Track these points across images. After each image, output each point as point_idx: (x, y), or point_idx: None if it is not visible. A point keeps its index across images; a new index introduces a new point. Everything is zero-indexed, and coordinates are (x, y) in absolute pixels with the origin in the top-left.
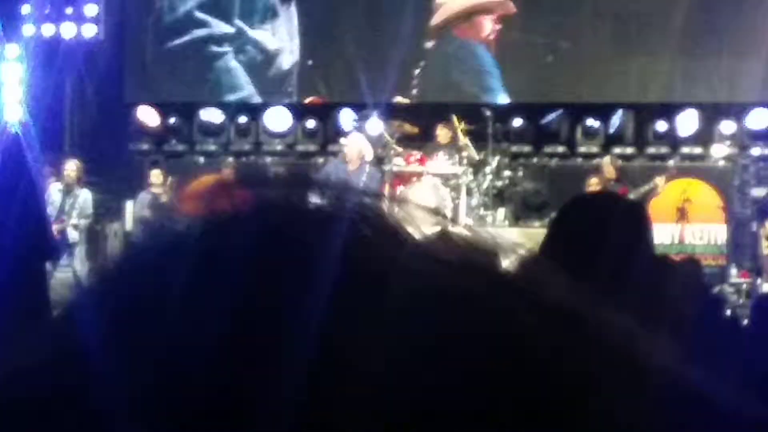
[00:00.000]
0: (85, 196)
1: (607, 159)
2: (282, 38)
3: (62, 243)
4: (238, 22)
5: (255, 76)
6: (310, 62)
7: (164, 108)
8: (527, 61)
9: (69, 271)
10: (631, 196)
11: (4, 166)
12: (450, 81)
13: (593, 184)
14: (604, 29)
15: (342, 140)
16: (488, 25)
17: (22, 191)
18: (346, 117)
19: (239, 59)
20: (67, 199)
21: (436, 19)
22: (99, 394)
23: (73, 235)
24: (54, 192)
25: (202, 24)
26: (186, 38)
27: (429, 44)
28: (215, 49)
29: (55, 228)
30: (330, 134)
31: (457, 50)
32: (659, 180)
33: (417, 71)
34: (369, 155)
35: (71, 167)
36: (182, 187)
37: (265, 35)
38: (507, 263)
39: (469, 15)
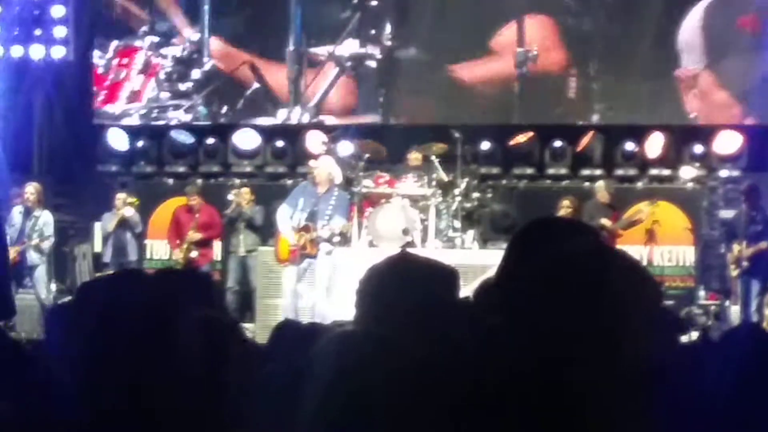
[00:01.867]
0: (45, 219)
1: (601, 183)
2: None
3: (23, 266)
4: None
5: None
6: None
7: (133, 130)
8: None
9: (32, 293)
10: (621, 223)
11: None
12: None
13: (564, 207)
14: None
15: (311, 162)
16: None
17: None
18: (315, 138)
19: None
20: (27, 221)
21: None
22: None
23: (33, 257)
24: (16, 214)
25: None
26: None
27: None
28: None
29: (14, 250)
30: (299, 155)
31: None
32: (644, 207)
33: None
34: (338, 178)
35: (30, 190)
36: (150, 208)
37: None
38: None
39: None
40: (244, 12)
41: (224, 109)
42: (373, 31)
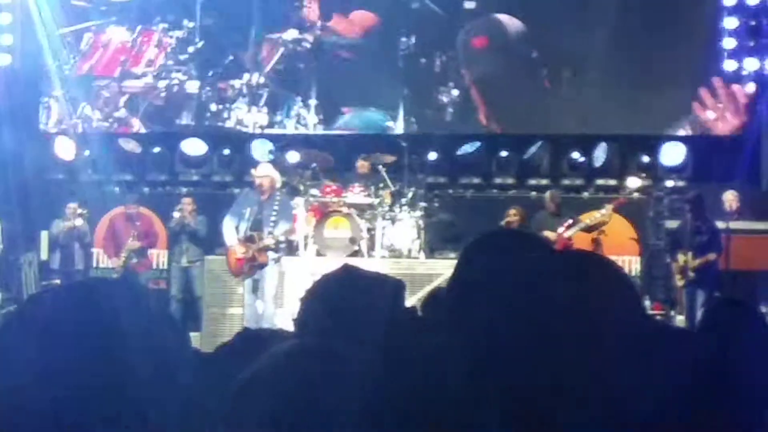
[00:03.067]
0: None
1: (548, 194)
2: None
3: None
4: None
5: None
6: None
7: (81, 138)
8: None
9: None
10: (580, 226)
11: None
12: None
13: (510, 215)
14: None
15: (253, 171)
16: None
17: None
18: (261, 147)
19: None
20: None
21: None
22: None
23: None
24: None
25: None
26: None
27: None
28: None
29: None
30: (246, 164)
31: None
32: (608, 208)
33: None
34: (278, 183)
35: None
36: (97, 217)
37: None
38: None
39: None
40: None
41: None
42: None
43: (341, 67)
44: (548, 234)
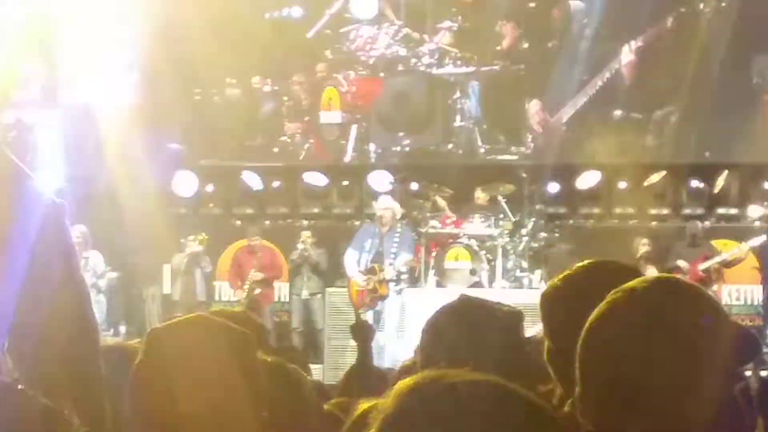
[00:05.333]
0: (95, 259)
1: (688, 225)
2: None
3: None
4: None
5: None
6: None
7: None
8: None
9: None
10: (716, 261)
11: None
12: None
13: (643, 245)
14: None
15: (374, 204)
16: None
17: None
18: (381, 178)
19: None
20: None
21: None
22: None
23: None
24: None
25: None
26: None
27: None
28: None
29: None
30: (365, 196)
31: None
32: (747, 245)
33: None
34: (399, 214)
35: (76, 234)
36: (218, 250)
37: None
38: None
39: None
40: None
41: None
42: None
43: None
44: (682, 264)
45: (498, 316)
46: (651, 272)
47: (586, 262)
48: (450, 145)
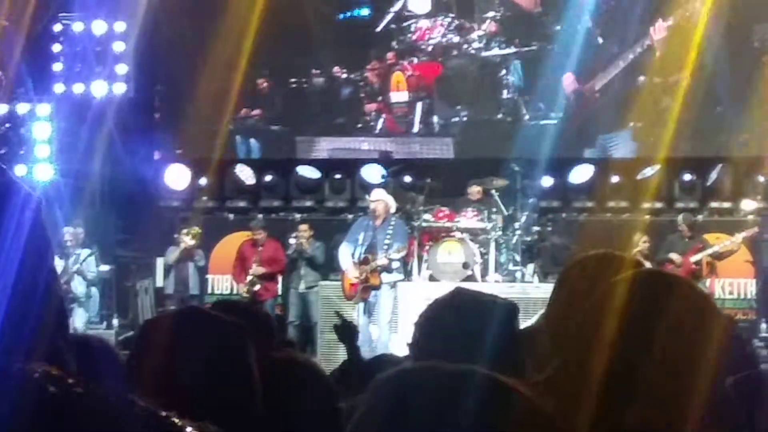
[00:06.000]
0: (85, 256)
1: (680, 217)
2: None
3: (67, 297)
4: None
5: None
6: None
7: (196, 165)
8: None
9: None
10: (708, 252)
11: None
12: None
13: (641, 242)
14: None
15: (367, 197)
16: None
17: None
18: (373, 171)
19: None
20: (68, 260)
21: None
22: None
23: (80, 289)
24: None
25: None
26: None
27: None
28: None
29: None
30: (356, 189)
31: None
32: (738, 237)
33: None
34: (393, 207)
35: (67, 236)
36: (211, 244)
37: None
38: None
39: None
40: None
41: None
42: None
43: None
44: (674, 257)
45: (492, 308)
46: None
47: (600, 251)
48: (500, 114)
